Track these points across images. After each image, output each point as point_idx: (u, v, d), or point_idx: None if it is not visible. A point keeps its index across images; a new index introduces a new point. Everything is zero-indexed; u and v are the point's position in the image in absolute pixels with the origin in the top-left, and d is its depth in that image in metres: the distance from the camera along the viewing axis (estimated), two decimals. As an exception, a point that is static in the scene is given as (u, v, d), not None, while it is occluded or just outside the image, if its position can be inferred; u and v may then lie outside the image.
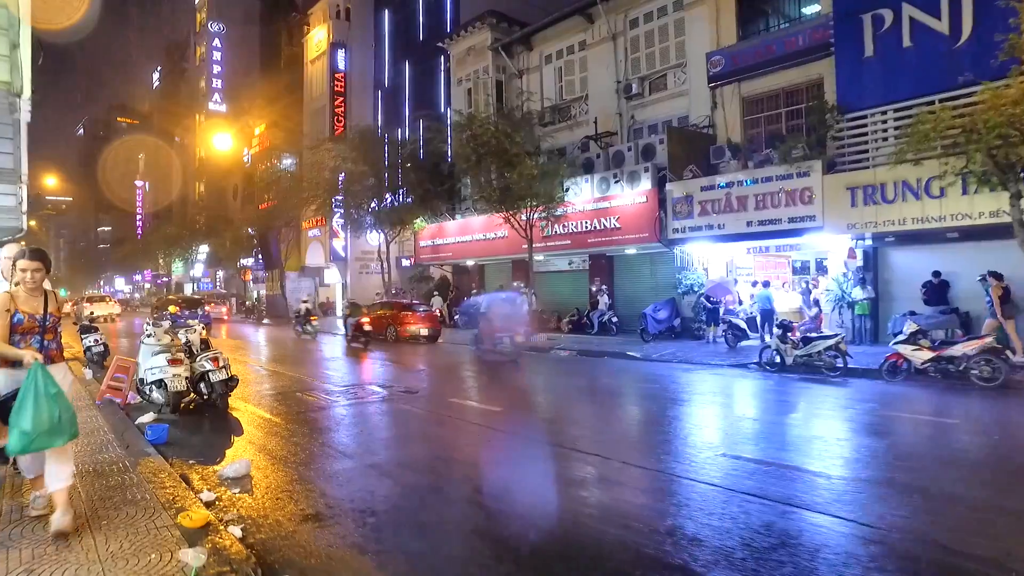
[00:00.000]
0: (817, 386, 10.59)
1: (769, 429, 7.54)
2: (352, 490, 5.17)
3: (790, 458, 5.99)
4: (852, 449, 6.46)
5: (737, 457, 6.00)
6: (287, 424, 7.83)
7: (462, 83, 28.29)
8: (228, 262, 46.57)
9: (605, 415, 8.50)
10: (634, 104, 21.87)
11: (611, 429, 7.55)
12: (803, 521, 4.31)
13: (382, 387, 10.88)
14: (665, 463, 5.85)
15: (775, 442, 6.74)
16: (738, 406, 9.47)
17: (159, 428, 6.65)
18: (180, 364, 8.25)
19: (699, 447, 6.49)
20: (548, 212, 19.59)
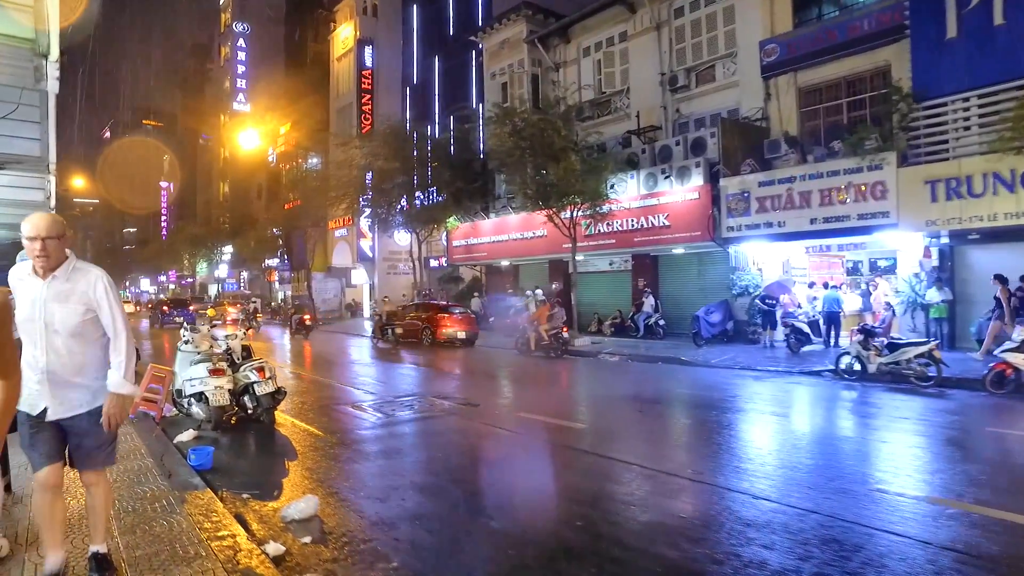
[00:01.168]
0: (911, 398, 9.55)
1: (896, 453, 6.56)
2: (451, 542, 4.30)
3: (933, 490, 5.03)
4: (990, 477, 5.48)
5: (901, 495, 5.03)
6: (345, 445, 6.99)
7: (495, 77, 27.40)
8: (253, 263, 46.18)
9: (706, 435, 7.50)
10: (679, 97, 20.84)
11: (724, 454, 6.58)
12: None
13: (438, 398, 10.01)
14: (827, 503, 4.88)
15: (912, 470, 5.77)
16: (847, 424, 8.48)
17: (204, 452, 5.84)
18: (222, 375, 7.43)
19: (848, 478, 5.54)
20: (593, 210, 18.65)
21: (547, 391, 11.45)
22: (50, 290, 3.15)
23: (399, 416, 8.55)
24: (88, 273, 3.24)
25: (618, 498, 5.11)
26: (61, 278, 3.16)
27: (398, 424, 8.07)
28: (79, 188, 52.46)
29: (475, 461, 6.48)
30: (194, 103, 71.02)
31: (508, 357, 17.05)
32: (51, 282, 3.15)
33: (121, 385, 3.26)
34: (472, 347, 19.76)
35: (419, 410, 8.99)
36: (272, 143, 47.06)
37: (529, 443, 7.07)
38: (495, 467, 6.23)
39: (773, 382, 11.57)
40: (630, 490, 5.32)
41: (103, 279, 3.26)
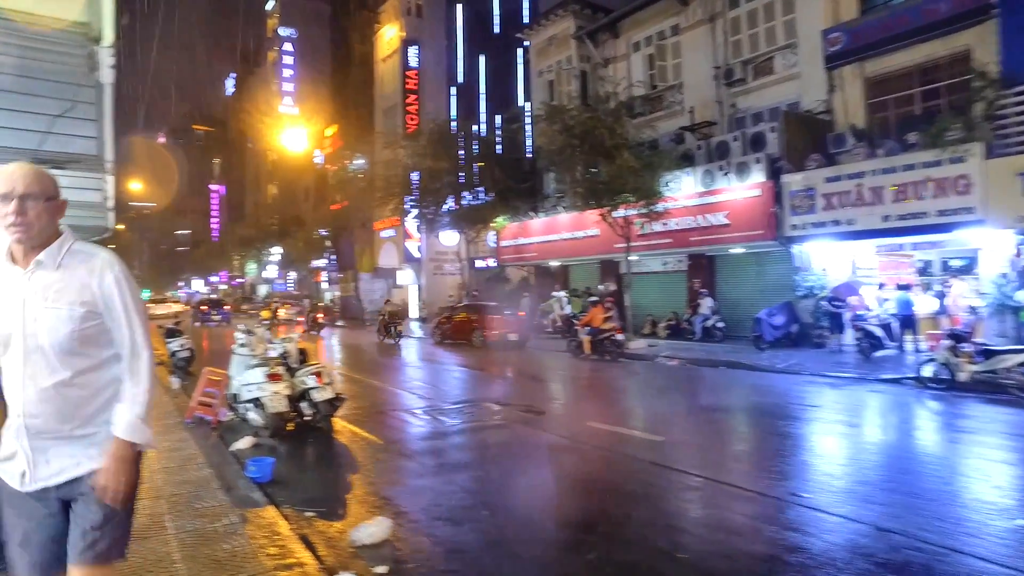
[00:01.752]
0: (1016, 411, 8.74)
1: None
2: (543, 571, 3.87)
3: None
4: None
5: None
6: (408, 456, 6.64)
7: (543, 75, 26.97)
8: (300, 263, 46.74)
9: (797, 451, 6.91)
10: (736, 91, 20.04)
11: (821, 473, 6.01)
12: None
13: (498, 404, 9.60)
14: (972, 542, 4.32)
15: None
16: (955, 439, 7.78)
17: (263, 463, 5.54)
18: (280, 380, 7.16)
19: (979, 509, 4.93)
20: (648, 208, 18.03)
21: (611, 398, 10.94)
22: (33, 283, 2.06)
23: (461, 424, 8.16)
24: (91, 257, 2.13)
25: (721, 524, 4.62)
26: (49, 264, 2.08)
27: (461, 433, 7.68)
28: (136, 191, 54.02)
29: (555, 479, 5.99)
30: (242, 107, 72.44)
31: (561, 360, 16.58)
32: (34, 270, 2.07)
33: (134, 430, 2.11)
34: (523, 349, 19.35)
35: (481, 417, 8.60)
36: (319, 145, 47.54)
37: (609, 458, 6.56)
38: (579, 486, 5.73)
39: (851, 390, 10.83)
40: (730, 515, 4.81)
41: (114, 266, 2.14)
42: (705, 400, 10.43)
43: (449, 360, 16.87)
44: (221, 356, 14.73)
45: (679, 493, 5.42)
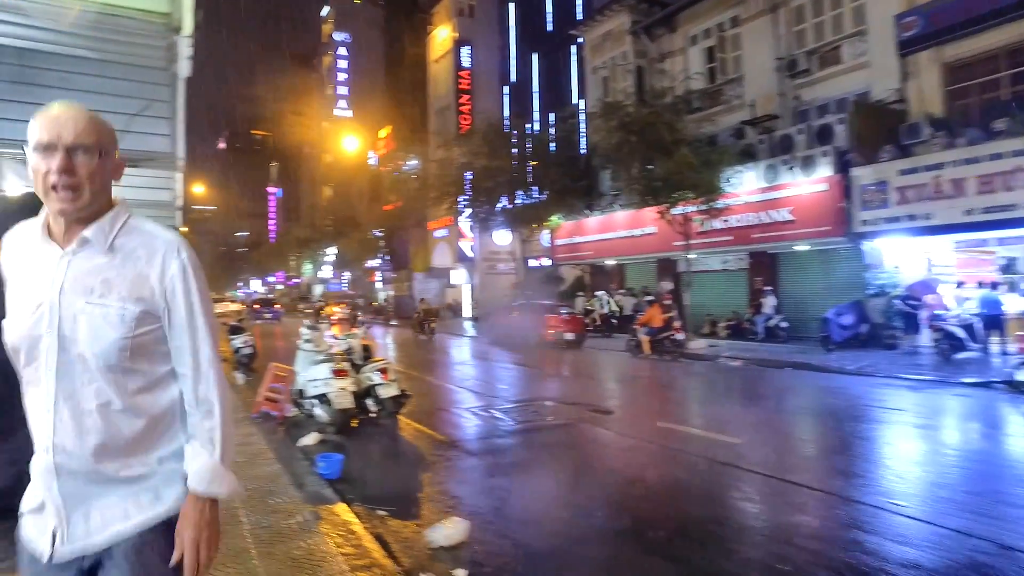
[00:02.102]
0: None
1: None
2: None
3: None
4: None
5: None
6: (477, 455, 6.50)
7: (597, 71, 26.62)
8: (355, 263, 47.47)
9: (884, 455, 6.51)
10: (799, 82, 19.32)
11: (915, 479, 5.62)
12: None
13: (564, 403, 9.39)
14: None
15: None
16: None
17: (333, 460, 5.49)
18: (346, 376, 7.13)
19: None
20: (708, 205, 17.54)
21: (678, 398, 10.61)
22: (74, 268, 1.48)
23: (528, 422, 7.98)
24: (153, 238, 1.55)
25: (816, 533, 4.32)
26: (98, 243, 1.50)
27: (529, 431, 7.50)
28: (198, 194, 55.83)
29: (633, 480, 5.73)
30: (298, 111, 74.21)
31: (620, 359, 16.27)
32: (77, 250, 1.49)
33: (216, 479, 1.56)
34: (580, 348, 19.09)
35: (548, 416, 8.41)
36: (372, 146, 48.22)
37: (686, 460, 6.27)
38: (658, 489, 5.45)
39: (934, 394, 10.22)
40: (825, 524, 4.50)
41: (182, 252, 1.55)
42: (776, 402, 10.00)
43: (507, 359, 16.75)
44: (271, 350, 14.98)
45: (768, 499, 5.11)
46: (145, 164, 7.01)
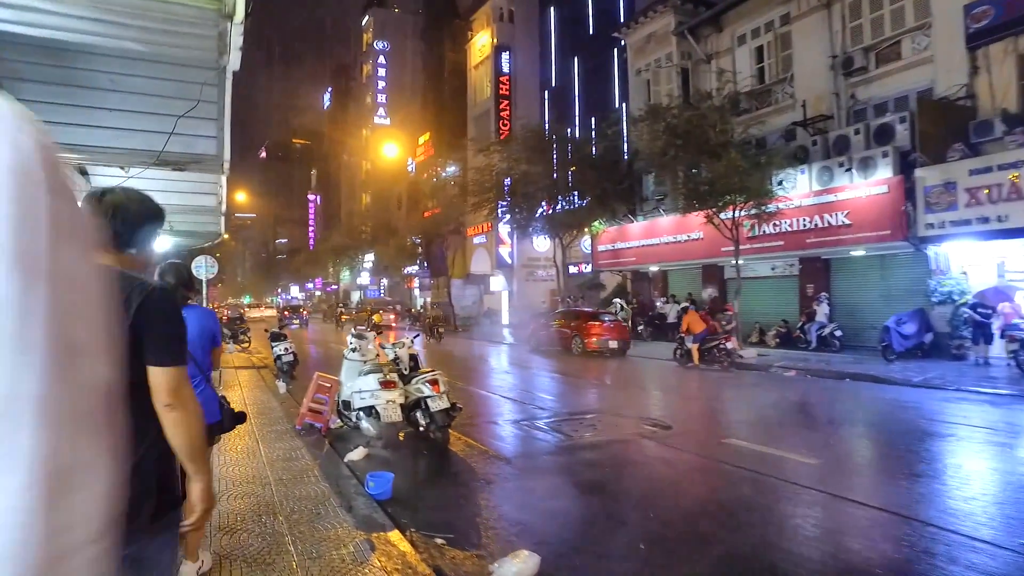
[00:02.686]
0: None
1: None
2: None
3: None
4: None
5: None
6: (536, 474, 6.10)
7: (641, 74, 26.10)
8: (393, 270, 47.57)
9: (987, 478, 5.94)
10: (855, 81, 18.53)
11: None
12: None
13: (619, 416, 8.93)
14: None
15: None
16: None
17: (383, 479, 5.15)
18: (394, 388, 6.80)
19: None
20: (759, 209, 16.89)
21: (738, 412, 10.04)
22: None
23: (584, 438, 7.53)
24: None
25: (925, 571, 3.82)
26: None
27: (587, 448, 7.06)
28: (240, 202, 56.78)
29: (711, 505, 5.22)
30: (338, 120, 75.10)
31: (669, 369, 15.72)
32: None
33: None
34: (624, 357, 18.57)
35: (604, 431, 7.95)
36: (411, 153, 48.36)
37: (763, 483, 5.73)
38: (739, 516, 4.95)
39: (1018, 410, 9.48)
40: (936, 562, 3.99)
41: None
42: (845, 416, 9.38)
43: (551, 368, 16.33)
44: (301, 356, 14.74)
45: (865, 530, 4.60)
46: (193, 168, 6.83)
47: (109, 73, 5.93)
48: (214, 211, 9.71)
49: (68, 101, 6.14)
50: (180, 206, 8.97)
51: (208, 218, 10.51)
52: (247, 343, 21.79)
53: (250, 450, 6.50)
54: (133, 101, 6.21)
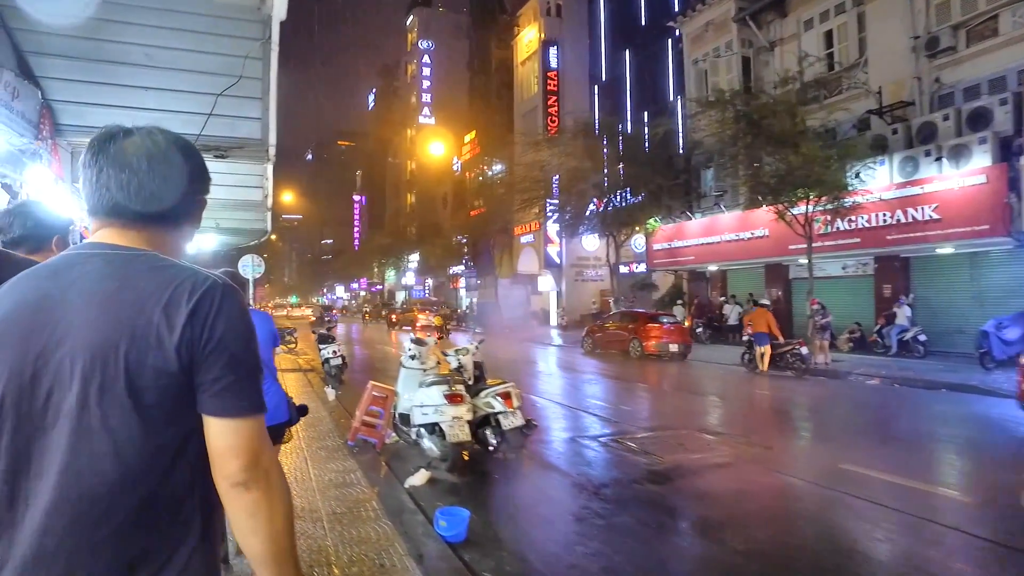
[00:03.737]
0: None
1: None
2: None
3: None
4: None
5: None
6: (629, 507, 5.18)
7: (698, 64, 24.89)
8: (438, 270, 47.14)
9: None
10: (941, 62, 17.04)
11: None
12: None
13: (707, 434, 7.94)
14: None
15: None
16: None
17: (457, 518, 4.32)
18: (461, 402, 5.96)
19: None
20: (836, 203, 15.61)
21: (838, 428, 8.89)
22: None
23: (676, 459, 6.53)
24: None
25: None
26: None
27: (683, 474, 6.06)
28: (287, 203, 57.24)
29: (862, 558, 4.22)
30: (383, 121, 75.24)
31: (737, 375, 14.61)
32: None
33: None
34: (685, 361, 17.47)
35: (694, 451, 6.95)
36: (457, 152, 47.86)
37: (924, 528, 4.63)
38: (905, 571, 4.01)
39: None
40: None
41: None
42: (971, 436, 8.17)
43: (611, 373, 15.36)
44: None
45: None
46: (236, 154, 6.14)
47: (143, 46, 5.25)
48: (260, 206, 9.08)
49: (97, 79, 5.50)
50: (225, 200, 8.34)
51: (254, 214, 9.91)
52: (293, 344, 21.42)
53: (299, 471, 5.76)
54: (169, 78, 5.53)
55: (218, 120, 5.47)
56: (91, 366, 1.12)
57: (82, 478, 1.11)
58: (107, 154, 1.22)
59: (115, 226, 1.25)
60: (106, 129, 1.27)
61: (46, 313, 1.17)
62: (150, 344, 1.12)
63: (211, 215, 8.89)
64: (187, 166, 1.30)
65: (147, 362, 1.12)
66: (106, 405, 1.12)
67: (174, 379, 1.13)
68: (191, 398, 1.16)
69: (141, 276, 1.17)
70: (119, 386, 1.12)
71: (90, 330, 1.14)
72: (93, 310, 1.15)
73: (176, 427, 1.16)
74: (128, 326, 1.13)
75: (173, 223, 1.31)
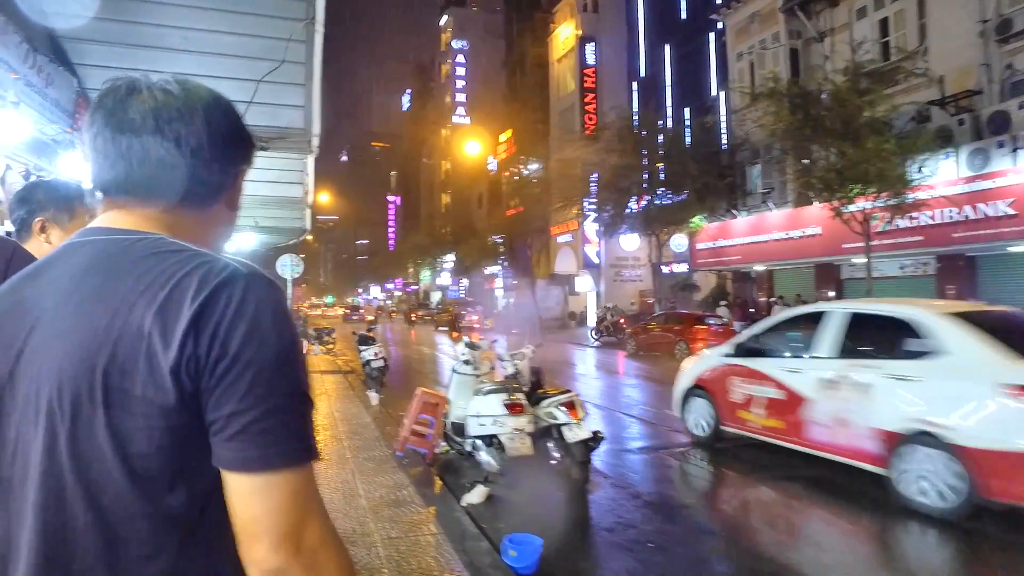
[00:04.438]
0: None
1: None
2: None
3: None
4: None
5: None
6: (710, 535, 4.63)
7: (743, 57, 24.05)
8: (474, 270, 46.89)
9: None
10: (1014, 47, 15.99)
11: None
12: None
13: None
14: None
15: None
16: None
17: (527, 547, 3.84)
18: (522, 413, 5.48)
19: None
20: (899, 199, 14.77)
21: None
22: None
23: (764, 479, 5.90)
24: None
25: None
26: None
27: (772, 495, 5.44)
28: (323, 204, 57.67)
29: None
30: (417, 121, 75.42)
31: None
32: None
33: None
34: (735, 366, 16.74)
35: (776, 465, 6.30)
36: (492, 152, 47.56)
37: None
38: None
39: None
40: None
41: None
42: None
43: (659, 376, 14.75)
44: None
45: None
46: (276, 146, 5.77)
47: (180, 29, 4.90)
48: (300, 203, 8.76)
49: (132, 65, 5.19)
50: (264, 197, 8.02)
51: (294, 212, 9.61)
52: (332, 344, 21.25)
53: (346, 486, 5.33)
54: (207, 64, 5.15)
55: (258, 109, 5.09)
56: (58, 397, 0.75)
57: (56, 566, 0.74)
58: (106, 112, 0.89)
59: (121, 205, 0.90)
60: (111, 83, 0.91)
61: (15, 327, 0.82)
62: (137, 364, 0.74)
63: (250, 213, 8.61)
64: (215, 125, 0.91)
65: (134, 391, 0.73)
66: (80, 456, 0.74)
67: (175, 417, 0.74)
68: (205, 444, 0.77)
69: (135, 266, 0.79)
70: (96, 427, 0.74)
71: (60, 346, 0.77)
72: (66, 318, 0.78)
73: (184, 490, 0.77)
74: (109, 337, 0.75)
75: (198, 202, 0.92)
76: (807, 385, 5.92)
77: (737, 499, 5.30)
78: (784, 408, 6.16)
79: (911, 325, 5.31)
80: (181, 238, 0.85)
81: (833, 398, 5.60)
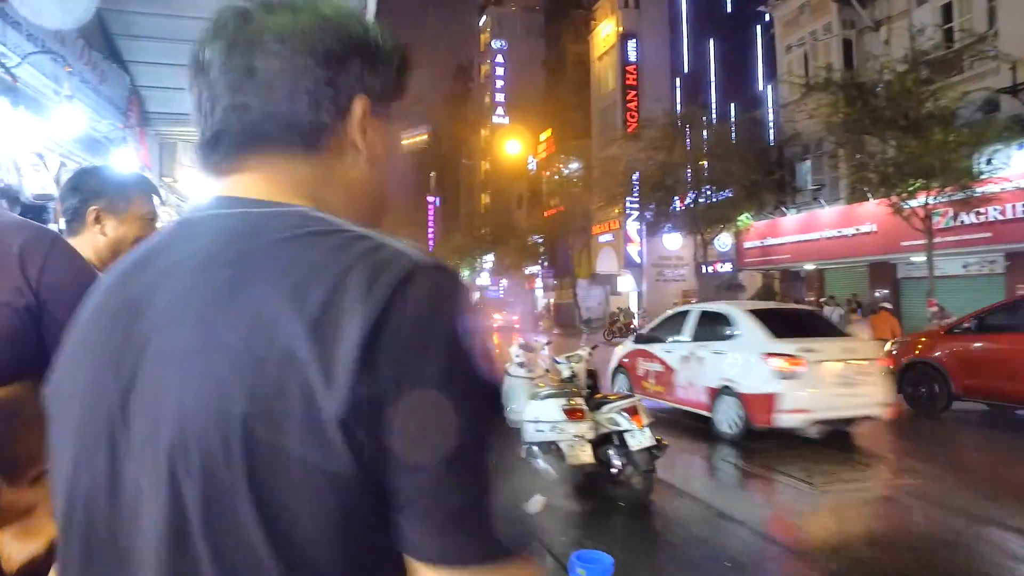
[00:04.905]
0: None
1: None
2: None
3: None
4: None
5: None
6: (802, 557, 4.29)
7: (792, 50, 23.34)
8: (514, 270, 46.79)
9: None
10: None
11: None
12: None
13: (861, 459, 6.85)
14: None
15: None
16: None
17: (597, 567, 3.56)
18: (582, 419, 5.20)
19: None
20: (967, 193, 14.06)
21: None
22: None
23: (832, 488, 5.46)
24: None
25: None
26: None
27: (847, 504, 5.05)
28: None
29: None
30: (457, 122, 75.69)
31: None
32: None
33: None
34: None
35: (847, 478, 5.88)
36: (532, 151, 47.39)
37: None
38: None
39: None
40: None
41: None
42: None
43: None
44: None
45: None
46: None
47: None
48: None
49: (183, 61, 5.09)
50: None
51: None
52: None
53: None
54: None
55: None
56: (184, 454, 0.51)
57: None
58: (229, 38, 0.64)
59: (247, 166, 0.65)
60: (219, 13, 0.67)
61: (124, 340, 0.58)
62: (290, 410, 0.48)
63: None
64: (348, 43, 0.66)
65: (289, 449, 0.48)
66: (215, 536, 0.51)
67: (350, 490, 0.49)
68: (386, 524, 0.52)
69: (274, 254, 0.55)
70: (238, 501, 0.49)
71: (179, 375, 0.54)
72: (186, 332, 0.55)
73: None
74: (245, 367, 0.50)
75: (335, 147, 0.67)
76: (674, 360, 8.88)
77: (812, 510, 4.95)
78: (663, 377, 9.14)
79: (727, 317, 8.28)
80: (315, 205, 0.62)
81: (687, 368, 8.53)
